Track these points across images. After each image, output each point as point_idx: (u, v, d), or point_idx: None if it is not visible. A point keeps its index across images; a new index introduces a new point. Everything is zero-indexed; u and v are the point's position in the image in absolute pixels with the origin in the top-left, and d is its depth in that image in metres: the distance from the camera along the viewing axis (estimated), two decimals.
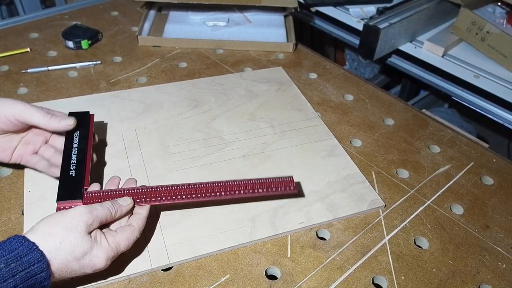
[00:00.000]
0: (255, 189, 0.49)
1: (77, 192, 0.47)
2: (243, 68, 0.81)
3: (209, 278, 0.46)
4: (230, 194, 0.49)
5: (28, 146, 0.53)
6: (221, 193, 0.48)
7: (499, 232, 0.53)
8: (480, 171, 0.62)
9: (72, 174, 0.49)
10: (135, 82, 0.75)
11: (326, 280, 0.47)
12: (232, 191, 0.49)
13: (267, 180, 0.50)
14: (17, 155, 0.53)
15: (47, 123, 0.50)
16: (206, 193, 0.48)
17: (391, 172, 0.61)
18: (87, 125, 0.54)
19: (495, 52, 0.86)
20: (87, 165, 0.50)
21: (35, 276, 0.37)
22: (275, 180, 0.50)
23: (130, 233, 0.44)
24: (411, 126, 0.70)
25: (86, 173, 0.49)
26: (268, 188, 0.49)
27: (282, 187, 0.49)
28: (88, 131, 0.54)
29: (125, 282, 0.45)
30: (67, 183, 0.48)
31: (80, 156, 0.51)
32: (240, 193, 0.49)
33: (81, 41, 0.82)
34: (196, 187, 0.48)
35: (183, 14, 0.93)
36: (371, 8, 1.04)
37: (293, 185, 0.49)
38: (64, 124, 0.51)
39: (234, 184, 0.49)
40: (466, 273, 0.48)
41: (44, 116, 0.50)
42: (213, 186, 0.49)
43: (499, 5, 0.94)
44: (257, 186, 0.49)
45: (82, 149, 0.51)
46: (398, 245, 0.51)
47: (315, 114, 0.69)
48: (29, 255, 0.37)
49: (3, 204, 0.52)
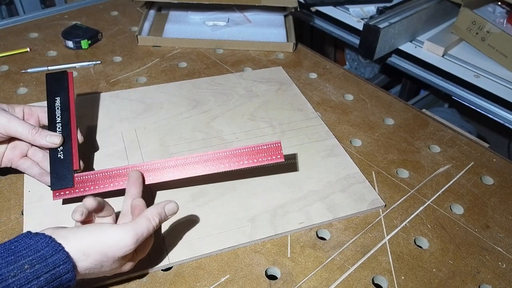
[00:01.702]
0: (241, 160, 0.49)
1: (68, 177, 0.47)
2: (243, 68, 0.81)
3: (209, 278, 0.46)
4: (215, 167, 0.49)
5: (15, 150, 0.52)
6: (206, 168, 0.49)
7: (499, 232, 0.53)
8: (480, 171, 0.62)
9: (60, 156, 0.48)
10: (135, 82, 0.75)
11: (326, 280, 0.47)
12: (217, 164, 0.49)
13: (254, 149, 0.49)
14: (7, 160, 0.52)
15: (31, 138, 0.49)
16: (192, 169, 0.49)
17: (391, 172, 0.61)
18: (66, 89, 0.52)
19: (495, 51, 0.86)
20: (73, 142, 0.50)
21: (60, 278, 0.36)
22: (261, 148, 0.49)
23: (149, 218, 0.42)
24: (411, 126, 0.69)
25: (74, 152, 0.49)
26: (254, 158, 0.49)
27: (269, 156, 0.49)
28: (68, 97, 0.52)
29: (125, 282, 0.45)
30: (57, 168, 0.48)
31: (65, 132, 0.50)
32: (226, 166, 0.49)
33: (81, 41, 0.82)
34: (180, 162, 0.49)
35: (183, 14, 0.93)
36: (371, 8, 1.04)
37: (280, 153, 0.49)
38: (49, 142, 0.50)
39: (218, 157, 0.49)
40: (466, 273, 0.48)
41: (29, 131, 0.49)
42: (197, 160, 0.49)
43: (499, 5, 0.94)
44: (242, 156, 0.49)
45: (66, 124, 0.50)
46: (398, 245, 0.51)
47: (315, 114, 0.69)
48: (55, 256, 0.36)
49: (3, 204, 0.52)
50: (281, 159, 0.49)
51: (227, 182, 0.56)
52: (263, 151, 0.49)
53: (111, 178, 0.49)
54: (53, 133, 0.51)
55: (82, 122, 0.64)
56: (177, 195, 0.54)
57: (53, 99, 0.52)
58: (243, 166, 0.50)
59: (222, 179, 0.57)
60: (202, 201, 0.54)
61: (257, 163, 0.49)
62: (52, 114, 0.52)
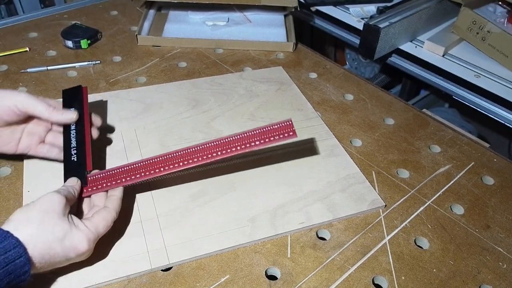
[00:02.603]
0: (252, 141, 0.47)
1: (81, 177, 0.49)
2: (243, 68, 0.80)
3: (209, 278, 0.46)
4: (227, 152, 0.47)
5: (34, 137, 0.54)
6: (217, 153, 0.47)
7: (500, 232, 0.53)
8: (481, 171, 0.62)
9: (73, 159, 0.50)
10: (134, 81, 0.75)
11: (326, 281, 0.46)
12: (229, 148, 0.47)
13: (264, 129, 0.47)
14: (24, 147, 0.53)
15: (48, 115, 0.51)
16: (202, 156, 0.47)
17: (392, 172, 0.61)
18: (81, 101, 0.55)
19: (496, 51, 0.86)
20: (87, 146, 0.51)
21: (13, 262, 0.37)
22: (272, 128, 0.47)
23: (106, 214, 0.45)
24: (411, 126, 0.69)
25: (87, 155, 0.50)
26: (266, 138, 0.47)
27: (281, 134, 0.47)
28: (82, 108, 0.54)
29: (124, 282, 0.45)
30: (70, 170, 0.49)
31: (79, 137, 0.52)
32: (237, 149, 0.47)
33: (81, 41, 0.82)
34: (191, 151, 0.48)
35: (182, 13, 0.93)
36: (371, 8, 1.03)
37: (292, 130, 0.47)
38: (66, 117, 0.52)
39: (229, 141, 0.47)
40: (466, 273, 0.48)
41: (47, 108, 0.51)
42: (207, 147, 0.47)
43: (500, 4, 0.94)
44: (253, 138, 0.47)
45: (80, 130, 0.52)
46: (398, 245, 0.51)
47: (315, 114, 0.69)
48: (4, 242, 0.37)
49: (2, 204, 0.52)
50: (294, 136, 0.47)
51: (227, 182, 0.56)
52: (275, 131, 0.47)
53: (123, 174, 0.49)
54: (69, 110, 0.53)
55: None
56: (177, 195, 0.54)
57: (68, 107, 0.54)
58: (256, 147, 0.47)
59: (222, 178, 0.56)
60: (202, 201, 0.53)
61: (270, 142, 0.47)
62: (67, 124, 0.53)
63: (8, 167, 0.57)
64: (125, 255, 0.47)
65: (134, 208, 0.52)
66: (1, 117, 0.50)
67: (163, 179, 0.56)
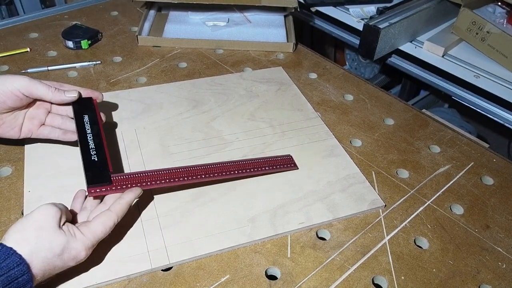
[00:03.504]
0: (254, 169, 0.56)
1: (105, 175, 0.48)
2: (243, 68, 0.81)
3: (209, 278, 0.46)
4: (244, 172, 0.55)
5: (34, 120, 0.55)
6: (234, 172, 0.54)
7: (499, 232, 0.53)
8: (480, 171, 0.62)
9: (94, 158, 0.49)
10: (135, 82, 0.75)
11: (326, 280, 0.47)
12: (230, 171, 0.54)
13: (267, 161, 0.57)
14: (26, 131, 0.54)
15: (51, 96, 0.52)
16: (221, 172, 0.53)
17: (391, 172, 0.61)
18: (93, 110, 0.55)
19: (495, 52, 0.86)
20: (106, 149, 0.51)
21: (16, 280, 0.36)
22: (275, 160, 0.57)
23: (106, 218, 0.44)
24: (411, 126, 0.69)
25: (108, 158, 0.50)
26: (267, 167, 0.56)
27: (283, 165, 0.58)
28: (96, 116, 0.55)
29: (125, 282, 0.45)
30: (92, 168, 0.48)
31: (97, 141, 0.52)
32: (237, 173, 0.55)
33: (81, 41, 0.82)
34: (214, 166, 0.53)
35: (183, 14, 0.93)
36: (371, 8, 1.03)
37: (293, 163, 0.58)
38: (69, 97, 0.53)
39: (230, 166, 0.55)
40: (466, 273, 0.48)
41: (49, 89, 0.52)
42: (229, 165, 0.54)
43: (499, 5, 0.94)
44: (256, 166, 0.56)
45: (96, 134, 0.52)
46: (398, 245, 0.51)
47: (315, 114, 0.69)
48: (8, 259, 0.36)
49: (3, 204, 0.52)
50: (295, 168, 0.58)
51: (227, 182, 0.56)
52: (276, 162, 0.58)
53: (146, 178, 0.49)
54: (70, 88, 0.54)
55: None
56: (177, 195, 0.54)
57: (81, 117, 0.54)
58: (255, 173, 0.56)
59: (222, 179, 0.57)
60: (202, 201, 0.54)
61: (266, 171, 0.56)
62: (82, 128, 0.53)
63: (9, 167, 0.57)
64: (125, 255, 0.47)
65: (134, 208, 0.52)
66: (5, 102, 0.50)
67: None
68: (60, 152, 0.58)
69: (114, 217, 0.44)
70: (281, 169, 0.57)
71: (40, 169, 0.56)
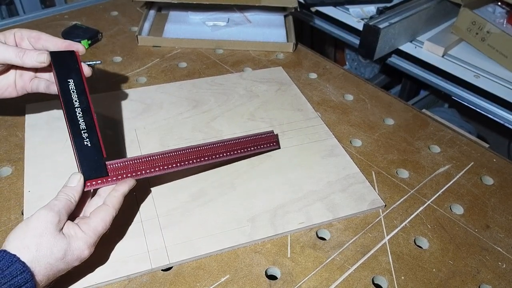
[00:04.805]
0: (236, 150, 0.55)
1: (101, 166, 0.46)
2: (243, 68, 0.81)
3: (209, 278, 0.46)
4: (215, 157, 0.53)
5: (24, 76, 0.54)
6: (207, 158, 0.53)
7: (499, 232, 0.53)
8: (480, 171, 0.62)
9: (87, 143, 0.46)
10: (135, 82, 0.75)
11: (326, 280, 0.47)
12: (216, 154, 0.54)
13: (249, 139, 0.57)
14: (20, 88, 0.54)
15: (20, 62, 0.49)
16: (194, 158, 0.52)
17: (391, 172, 0.61)
18: (77, 70, 0.50)
19: (495, 52, 0.86)
20: (97, 128, 0.48)
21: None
22: (259, 137, 0.58)
23: (104, 214, 0.43)
24: (411, 126, 0.69)
25: (100, 140, 0.47)
26: (251, 147, 0.57)
27: (265, 144, 0.58)
28: (82, 80, 0.49)
29: (125, 282, 0.45)
30: (86, 156, 0.46)
31: (87, 118, 0.47)
32: (224, 156, 0.54)
33: (81, 41, 0.82)
34: (215, 146, 0.53)
35: (183, 14, 0.93)
36: (371, 8, 1.04)
37: (275, 141, 0.59)
38: (37, 61, 0.49)
39: (216, 147, 0.54)
40: (466, 273, 0.48)
41: (16, 54, 0.48)
42: (197, 151, 0.52)
43: (499, 5, 0.94)
44: (237, 146, 0.56)
45: (86, 109, 0.48)
46: (398, 245, 0.51)
47: (315, 114, 0.69)
48: (11, 267, 0.36)
49: (3, 204, 0.52)
50: (277, 146, 0.59)
51: (227, 182, 0.56)
52: (258, 140, 0.58)
53: (143, 165, 0.48)
54: (40, 51, 0.49)
55: None
56: (177, 195, 0.54)
57: (66, 81, 0.48)
58: (239, 155, 0.56)
59: (222, 178, 0.57)
60: (202, 201, 0.54)
61: (253, 152, 0.57)
62: (68, 99, 0.47)
63: (9, 167, 0.57)
64: (125, 255, 0.47)
65: (134, 208, 0.52)
66: None
67: (163, 178, 0.56)
68: (60, 152, 0.58)
69: (112, 211, 0.44)
70: (265, 148, 0.59)
71: (40, 169, 0.56)
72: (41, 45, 0.52)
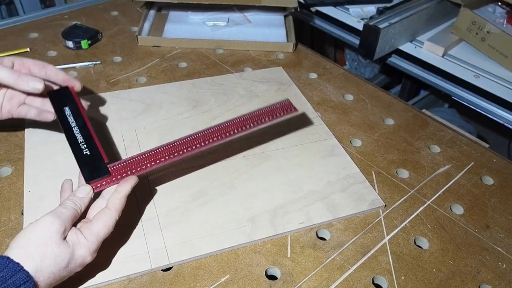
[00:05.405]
0: (249, 124, 0.52)
1: (102, 168, 0.46)
2: (243, 68, 0.81)
3: (209, 278, 0.46)
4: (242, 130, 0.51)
5: (13, 100, 0.53)
6: (234, 132, 0.51)
7: (499, 232, 0.53)
8: (480, 171, 0.62)
9: (86, 152, 0.47)
10: (135, 82, 0.75)
11: (326, 280, 0.47)
12: (243, 126, 0.52)
13: (265, 110, 0.54)
14: (6, 111, 0.53)
15: (14, 83, 0.49)
16: (210, 138, 0.50)
17: (391, 172, 0.61)
18: (73, 100, 0.52)
19: (495, 52, 0.86)
20: (96, 140, 0.49)
21: None
22: (273, 108, 0.54)
23: (107, 218, 0.43)
24: (411, 126, 0.69)
25: (100, 149, 0.48)
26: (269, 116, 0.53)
27: (282, 111, 0.54)
28: (77, 106, 0.52)
29: (125, 282, 0.45)
30: (86, 162, 0.47)
31: (85, 133, 0.49)
32: (250, 126, 0.52)
33: (81, 41, 0.82)
34: (195, 136, 0.49)
35: (183, 14, 0.93)
36: (371, 8, 1.04)
37: (293, 107, 0.54)
38: (31, 87, 0.49)
39: (243, 120, 0.52)
40: (466, 273, 0.48)
41: (11, 75, 0.48)
42: (224, 127, 0.51)
43: (500, 5, 0.94)
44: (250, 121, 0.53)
45: (82, 126, 0.50)
46: (398, 245, 0.51)
47: (315, 114, 0.69)
48: (15, 276, 0.36)
49: (3, 204, 0.52)
50: (296, 111, 0.54)
51: (227, 182, 0.56)
52: (273, 111, 0.54)
53: (146, 160, 0.48)
54: (36, 78, 0.49)
55: None
56: (177, 195, 0.54)
57: (62, 110, 0.51)
58: (253, 129, 0.52)
59: (222, 178, 0.57)
60: (202, 201, 0.54)
61: (273, 120, 0.53)
62: (66, 122, 0.51)
63: (9, 167, 0.57)
64: (125, 255, 0.47)
65: (134, 208, 0.52)
66: None
67: (163, 178, 0.56)
68: (60, 152, 0.58)
69: (114, 215, 0.43)
70: (282, 116, 0.54)
71: (40, 169, 0.56)
72: (45, 72, 0.53)
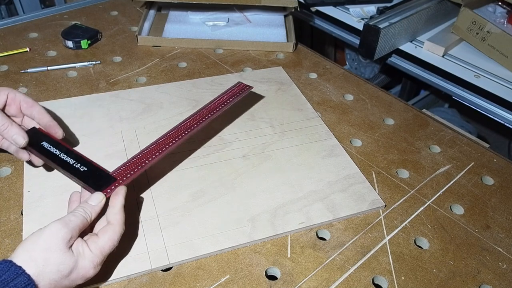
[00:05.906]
0: (217, 108, 0.59)
1: (106, 176, 0.48)
2: (243, 68, 0.81)
3: (209, 279, 0.46)
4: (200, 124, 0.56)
5: None
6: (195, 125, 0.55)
7: (499, 232, 0.53)
8: (481, 171, 0.62)
9: (84, 169, 0.48)
10: (134, 82, 0.75)
11: (326, 281, 0.47)
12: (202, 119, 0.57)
13: (224, 96, 0.61)
14: None
15: (1, 133, 0.50)
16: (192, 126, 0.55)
17: (391, 172, 0.61)
18: (45, 135, 0.53)
19: (495, 52, 0.86)
20: (88, 159, 0.50)
21: None
22: (229, 92, 0.62)
23: (112, 233, 0.43)
24: (411, 126, 0.69)
25: (95, 163, 0.49)
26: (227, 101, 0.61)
27: (239, 92, 0.62)
28: (53, 139, 0.53)
29: (125, 282, 0.45)
30: (88, 177, 0.48)
31: (73, 156, 0.50)
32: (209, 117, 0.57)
33: (81, 41, 0.82)
34: (180, 127, 0.55)
35: (183, 14, 0.93)
36: (371, 8, 1.03)
37: (245, 86, 0.63)
38: (14, 140, 0.50)
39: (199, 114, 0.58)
40: (466, 273, 0.48)
41: (2, 123, 0.50)
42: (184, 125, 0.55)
43: (500, 5, 0.94)
44: (216, 105, 0.60)
45: (67, 152, 0.51)
46: (398, 245, 0.51)
47: (315, 114, 0.69)
48: (16, 279, 0.36)
49: (2, 204, 0.52)
50: (250, 88, 0.63)
51: (227, 182, 0.56)
52: (232, 93, 0.62)
53: (144, 158, 0.50)
54: (21, 133, 0.50)
55: (82, 122, 0.64)
56: (177, 195, 0.54)
57: (41, 146, 0.52)
58: (222, 110, 0.59)
59: (222, 178, 0.57)
60: (202, 201, 0.54)
61: (233, 102, 0.61)
62: (49, 153, 0.51)
63: (9, 167, 0.57)
64: (125, 255, 0.47)
65: (134, 208, 0.52)
66: None
67: (163, 178, 0.56)
68: None
69: (118, 229, 0.44)
70: (241, 95, 0.62)
71: (39, 169, 0.56)
72: (31, 112, 0.53)
